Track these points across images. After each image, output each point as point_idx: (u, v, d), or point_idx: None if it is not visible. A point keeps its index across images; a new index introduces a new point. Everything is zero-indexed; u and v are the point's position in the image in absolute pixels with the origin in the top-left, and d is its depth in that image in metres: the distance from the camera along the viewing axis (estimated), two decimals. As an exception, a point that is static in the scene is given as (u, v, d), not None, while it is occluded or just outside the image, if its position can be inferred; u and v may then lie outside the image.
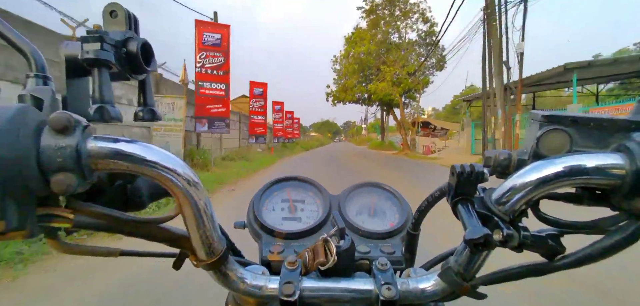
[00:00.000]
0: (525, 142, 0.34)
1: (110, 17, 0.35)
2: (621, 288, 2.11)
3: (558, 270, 0.33)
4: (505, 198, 0.31)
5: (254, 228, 0.55)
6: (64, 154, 0.26)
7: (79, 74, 0.37)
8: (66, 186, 0.26)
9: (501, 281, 0.37)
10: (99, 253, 0.34)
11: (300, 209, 0.60)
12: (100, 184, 0.34)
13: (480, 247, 0.29)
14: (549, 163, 0.30)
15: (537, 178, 0.30)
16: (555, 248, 0.33)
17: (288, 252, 0.50)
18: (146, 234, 0.34)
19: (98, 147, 0.27)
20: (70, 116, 0.26)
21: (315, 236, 0.53)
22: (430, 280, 0.39)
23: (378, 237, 0.54)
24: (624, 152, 0.29)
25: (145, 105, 0.41)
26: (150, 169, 0.29)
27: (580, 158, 0.30)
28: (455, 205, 0.33)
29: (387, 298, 0.36)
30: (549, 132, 0.32)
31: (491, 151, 0.36)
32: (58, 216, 0.29)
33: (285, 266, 0.39)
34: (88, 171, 0.27)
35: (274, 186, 0.62)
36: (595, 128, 0.32)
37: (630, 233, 0.30)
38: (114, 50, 0.33)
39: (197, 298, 1.93)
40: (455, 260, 0.37)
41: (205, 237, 0.34)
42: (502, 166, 0.35)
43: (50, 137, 0.26)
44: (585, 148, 0.32)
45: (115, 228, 0.32)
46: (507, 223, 0.31)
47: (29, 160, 0.25)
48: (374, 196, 0.62)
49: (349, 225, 0.55)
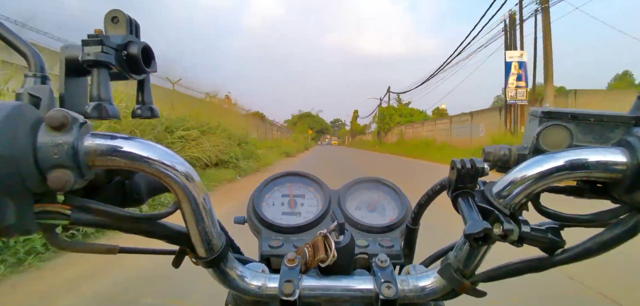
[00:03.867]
0: (525, 138, 0.34)
1: (112, 23, 0.36)
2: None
3: (558, 264, 0.33)
4: (506, 191, 0.31)
5: (254, 222, 0.55)
6: (60, 151, 0.26)
7: (77, 74, 0.37)
8: (63, 182, 0.26)
9: (501, 277, 0.36)
10: (97, 250, 0.34)
11: (300, 204, 0.60)
12: (97, 181, 0.34)
13: (481, 241, 0.29)
14: (551, 157, 0.30)
15: (538, 171, 0.30)
16: (556, 241, 0.32)
17: (287, 247, 0.50)
18: (145, 230, 0.34)
19: (95, 144, 0.27)
20: (67, 113, 0.26)
21: (315, 230, 0.53)
22: (430, 278, 0.39)
23: (377, 231, 0.54)
24: (625, 147, 0.29)
25: (144, 103, 0.42)
26: (148, 166, 0.29)
27: (581, 152, 0.30)
28: (456, 199, 0.33)
29: (387, 297, 0.36)
30: (549, 128, 0.32)
31: (491, 146, 0.36)
32: (55, 212, 0.29)
33: (285, 263, 0.39)
34: (85, 168, 0.27)
35: (274, 181, 0.62)
36: (596, 124, 0.32)
37: (631, 225, 0.30)
38: (114, 53, 0.34)
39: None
40: (455, 256, 0.37)
41: (204, 233, 0.34)
42: (503, 161, 0.35)
43: (47, 134, 0.26)
44: (585, 143, 0.32)
45: (113, 225, 0.32)
46: (507, 216, 0.31)
47: (26, 157, 0.25)
48: (374, 191, 0.62)
49: (348, 219, 0.55)
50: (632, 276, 2.23)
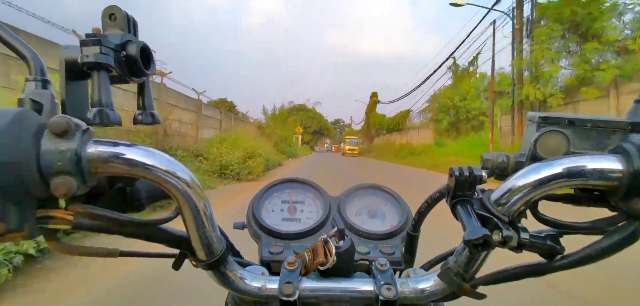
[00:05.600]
0: (523, 144, 0.35)
1: (109, 20, 0.35)
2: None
3: (557, 270, 0.33)
4: (504, 199, 0.31)
5: (254, 228, 0.55)
6: (63, 158, 0.26)
7: (78, 77, 0.37)
8: (66, 189, 0.26)
9: (500, 281, 0.37)
10: (98, 254, 0.34)
11: (300, 211, 0.60)
12: (99, 187, 0.35)
13: (480, 247, 0.30)
14: (547, 165, 0.30)
15: (535, 179, 0.30)
16: (555, 248, 0.33)
17: (287, 252, 0.50)
18: (146, 235, 0.34)
19: (98, 151, 0.27)
20: (70, 120, 0.26)
21: (315, 236, 0.53)
22: (430, 280, 0.39)
23: (378, 238, 0.54)
24: (621, 154, 0.29)
25: (144, 109, 0.41)
26: (150, 173, 0.29)
27: (577, 160, 0.30)
28: (454, 206, 0.34)
29: (387, 298, 0.36)
30: (546, 134, 0.32)
31: (489, 153, 0.36)
32: (58, 218, 0.29)
33: (285, 266, 0.39)
34: (88, 175, 0.27)
35: (274, 188, 0.62)
36: (593, 130, 0.32)
37: (629, 233, 0.30)
38: (113, 53, 0.34)
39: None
40: (455, 260, 0.37)
41: (204, 238, 0.34)
42: (500, 168, 0.35)
43: (50, 141, 0.26)
44: (582, 150, 0.32)
45: (114, 230, 0.32)
46: (506, 223, 0.31)
47: (29, 164, 0.25)
48: (374, 197, 0.62)
49: (349, 226, 0.55)
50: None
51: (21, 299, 1.97)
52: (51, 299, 1.97)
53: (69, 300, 1.95)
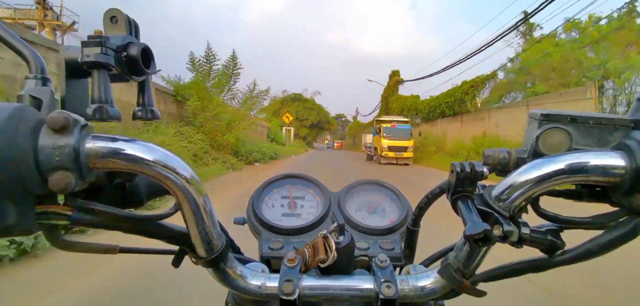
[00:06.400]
0: (525, 141, 0.34)
1: (111, 23, 0.36)
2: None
3: (558, 266, 0.33)
4: (505, 195, 0.31)
5: (254, 223, 0.55)
6: (62, 153, 0.26)
7: (78, 75, 0.37)
8: (64, 185, 0.26)
9: (501, 277, 0.37)
10: (97, 250, 0.34)
11: (300, 206, 0.60)
12: (98, 182, 0.35)
13: (480, 242, 0.30)
14: (550, 161, 0.30)
15: (537, 175, 0.30)
16: (555, 243, 0.33)
17: (287, 248, 0.51)
18: (145, 231, 0.34)
19: (96, 146, 0.27)
20: (69, 115, 0.26)
21: (315, 232, 0.53)
22: (430, 277, 0.39)
23: (377, 233, 0.54)
24: (623, 150, 0.29)
25: (144, 105, 0.42)
26: (149, 168, 0.29)
27: (580, 156, 0.30)
28: (455, 202, 0.33)
29: (387, 296, 0.36)
30: (548, 130, 0.32)
31: (490, 149, 0.36)
32: (56, 213, 0.29)
33: (285, 263, 0.39)
34: (86, 170, 0.27)
35: (274, 183, 0.62)
36: (595, 127, 0.32)
37: (630, 228, 0.30)
38: (114, 54, 0.34)
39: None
40: (455, 256, 0.37)
41: (204, 234, 0.34)
42: (502, 165, 0.35)
43: (48, 136, 0.26)
44: (584, 147, 0.32)
45: (113, 225, 0.32)
46: (506, 218, 0.31)
47: (27, 159, 0.25)
48: (374, 193, 0.62)
49: (349, 221, 0.55)
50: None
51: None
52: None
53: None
